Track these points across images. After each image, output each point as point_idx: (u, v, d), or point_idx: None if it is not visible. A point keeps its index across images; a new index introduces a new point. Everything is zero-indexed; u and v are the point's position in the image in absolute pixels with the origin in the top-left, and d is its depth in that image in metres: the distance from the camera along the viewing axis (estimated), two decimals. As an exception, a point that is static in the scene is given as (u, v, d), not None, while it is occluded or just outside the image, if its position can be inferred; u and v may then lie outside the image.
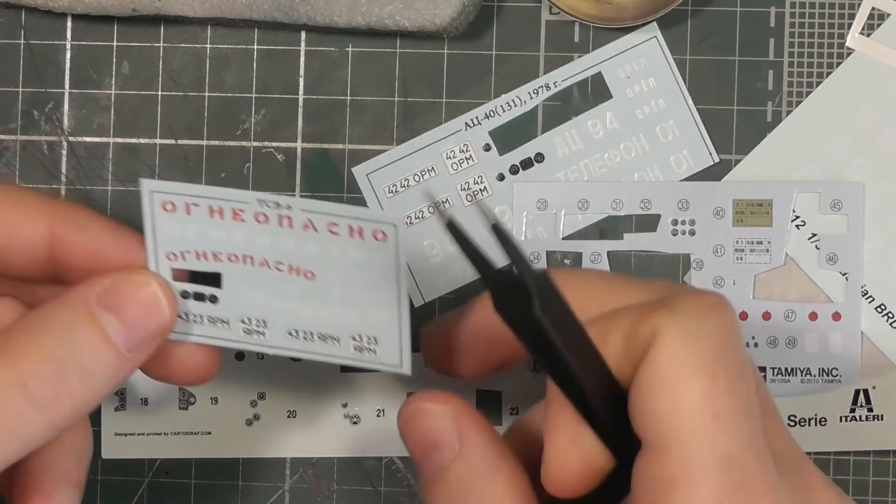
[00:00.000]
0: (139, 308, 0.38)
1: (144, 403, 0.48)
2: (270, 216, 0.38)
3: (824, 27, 0.48)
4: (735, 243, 0.48)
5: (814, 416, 0.47)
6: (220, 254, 0.39)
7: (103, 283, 0.38)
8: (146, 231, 0.39)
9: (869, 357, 0.48)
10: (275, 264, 0.39)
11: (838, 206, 0.48)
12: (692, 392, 0.33)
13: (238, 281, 0.40)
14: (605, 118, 0.49)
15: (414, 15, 0.47)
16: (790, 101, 0.48)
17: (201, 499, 0.49)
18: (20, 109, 0.49)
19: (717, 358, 0.34)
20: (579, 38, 0.49)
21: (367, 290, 0.39)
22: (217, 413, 0.48)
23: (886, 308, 0.48)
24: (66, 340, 0.36)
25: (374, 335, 0.40)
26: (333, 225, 0.38)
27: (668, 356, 0.33)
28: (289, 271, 0.39)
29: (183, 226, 0.39)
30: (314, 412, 0.48)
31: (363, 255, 0.38)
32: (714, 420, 0.33)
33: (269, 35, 0.49)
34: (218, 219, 0.39)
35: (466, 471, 0.38)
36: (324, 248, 0.39)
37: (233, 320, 0.40)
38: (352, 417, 0.48)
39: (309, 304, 0.40)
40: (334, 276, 0.39)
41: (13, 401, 0.35)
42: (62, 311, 0.37)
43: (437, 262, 0.49)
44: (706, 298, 0.35)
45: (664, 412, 0.33)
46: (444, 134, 0.49)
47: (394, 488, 0.49)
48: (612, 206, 0.48)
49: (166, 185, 0.39)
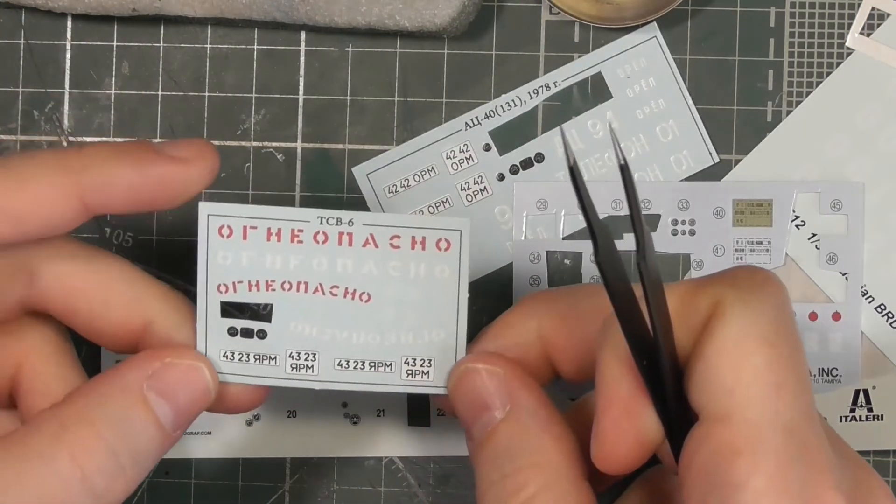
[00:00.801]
0: (189, 394, 0.39)
1: None
2: (330, 234, 0.38)
3: (824, 27, 0.48)
4: (735, 243, 0.48)
5: None
6: (274, 283, 0.39)
7: (153, 366, 0.38)
8: (200, 261, 0.39)
9: (869, 357, 0.48)
10: (329, 289, 0.39)
11: (838, 206, 0.48)
12: (756, 363, 0.33)
13: (289, 312, 0.39)
14: (605, 118, 0.49)
15: (414, 15, 0.47)
16: (790, 101, 0.48)
17: (201, 499, 0.49)
18: (20, 109, 0.49)
19: (778, 330, 0.34)
20: (579, 38, 0.49)
21: (425, 309, 0.39)
22: (217, 413, 0.48)
23: (886, 308, 0.48)
24: (123, 431, 0.37)
25: (428, 357, 0.39)
26: (395, 238, 0.38)
27: (733, 327, 0.34)
28: (343, 295, 0.39)
29: (237, 253, 0.38)
30: (314, 412, 0.48)
31: (424, 269, 0.38)
32: (777, 390, 0.33)
33: (269, 35, 0.49)
34: (276, 242, 0.38)
35: (516, 431, 0.38)
36: (382, 265, 0.38)
37: (281, 356, 0.39)
38: (352, 417, 0.48)
39: (362, 329, 0.39)
40: (391, 296, 0.38)
41: (76, 495, 0.36)
42: (117, 397, 0.37)
43: (437, 262, 0.49)
44: (760, 273, 0.36)
45: (728, 382, 0.33)
46: (444, 134, 0.49)
47: (394, 488, 0.49)
48: (612, 206, 0.48)
49: (225, 208, 0.38)
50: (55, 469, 0.36)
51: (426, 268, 0.38)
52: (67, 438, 0.36)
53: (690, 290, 0.35)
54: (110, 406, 0.37)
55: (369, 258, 0.38)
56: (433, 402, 0.46)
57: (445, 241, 0.38)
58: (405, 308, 0.39)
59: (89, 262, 0.40)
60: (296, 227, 0.38)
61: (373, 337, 0.39)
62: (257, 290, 0.39)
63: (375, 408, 0.48)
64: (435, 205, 0.49)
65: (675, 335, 0.35)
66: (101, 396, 0.37)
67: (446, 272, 0.38)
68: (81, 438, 0.36)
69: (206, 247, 0.39)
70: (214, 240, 0.38)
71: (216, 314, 0.39)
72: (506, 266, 0.49)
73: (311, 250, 0.38)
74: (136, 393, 0.38)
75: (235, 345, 0.39)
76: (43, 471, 0.36)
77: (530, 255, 0.48)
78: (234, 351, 0.39)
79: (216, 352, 0.39)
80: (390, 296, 0.39)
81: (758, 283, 0.35)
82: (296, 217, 0.38)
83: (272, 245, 0.38)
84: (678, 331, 0.35)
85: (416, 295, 0.39)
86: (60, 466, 0.36)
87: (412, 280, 0.38)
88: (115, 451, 0.37)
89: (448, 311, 0.39)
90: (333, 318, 0.39)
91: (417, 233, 0.38)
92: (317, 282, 0.39)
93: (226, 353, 0.39)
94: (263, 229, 0.38)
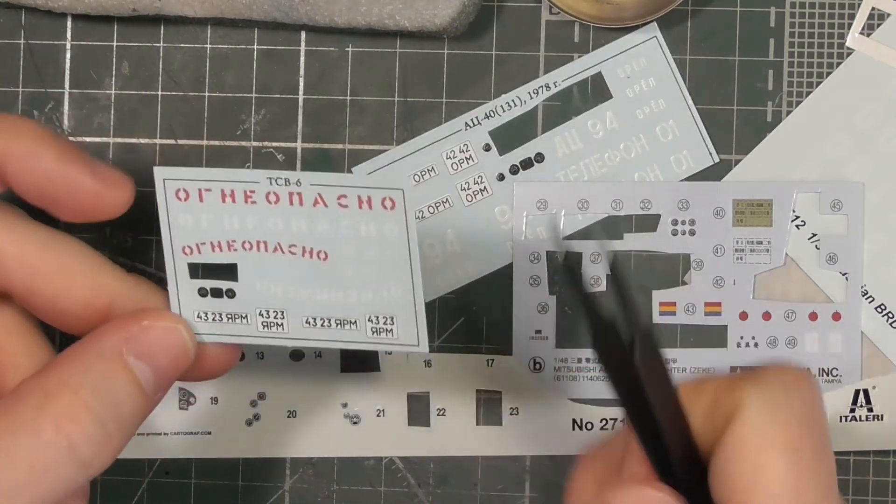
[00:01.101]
0: (169, 356, 0.39)
1: None
2: (281, 195, 0.38)
3: (824, 27, 0.48)
4: (735, 243, 0.48)
5: None
6: (234, 242, 0.39)
7: (131, 330, 0.38)
8: (163, 225, 0.39)
9: (869, 357, 0.48)
10: (288, 248, 0.39)
11: (838, 206, 0.48)
12: (775, 466, 0.33)
13: (254, 271, 0.40)
14: (605, 118, 0.49)
15: (414, 15, 0.47)
16: (790, 101, 0.48)
17: (201, 499, 0.49)
18: (20, 109, 0.49)
19: (801, 433, 0.34)
20: (579, 38, 0.49)
21: (381, 265, 0.39)
22: (217, 413, 0.48)
23: (886, 308, 0.48)
24: (107, 397, 0.37)
25: (390, 314, 0.40)
26: (342, 197, 0.38)
27: (751, 428, 0.34)
28: (302, 254, 0.39)
29: (196, 215, 0.39)
30: (314, 412, 0.48)
31: (374, 226, 0.39)
32: (794, 495, 0.33)
33: (269, 35, 0.49)
34: (230, 203, 0.39)
35: None
36: (334, 224, 0.39)
37: (251, 314, 0.40)
38: (352, 417, 0.48)
39: (324, 287, 0.40)
40: (347, 254, 0.39)
41: (64, 465, 0.36)
42: (98, 363, 0.37)
43: (437, 263, 0.49)
44: (791, 372, 0.35)
45: (745, 484, 0.33)
46: (444, 134, 0.49)
47: (394, 488, 0.49)
48: (612, 206, 0.48)
49: (179, 172, 0.39)
50: (42, 440, 0.36)
51: (376, 227, 0.39)
52: (52, 408, 0.36)
53: (721, 388, 0.35)
54: (92, 373, 0.37)
55: (321, 217, 0.39)
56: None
57: (390, 199, 0.38)
58: (362, 266, 0.39)
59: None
60: (248, 189, 0.39)
61: (335, 295, 0.40)
62: (220, 251, 0.39)
63: (375, 408, 0.48)
64: (435, 205, 0.49)
65: (704, 431, 0.35)
66: (83, 364, 0.37)
67: (395, 231, 0.39)
68: (66, 407, 0.36)
69: (167, 210, 0.39)
70: (173, 203, 0.39)
71: (185, 275, 0.40)
72: (506, 266, 0.49)
73: (266, 211, 0.39)
74: (116, 358, 0.37)
75: (207, 305, 0.40)
76: (30, 442, 0.36)
77: (530, 255, 0.48)
78: (207, 311, 0.40)
79: (190, 312, 0.40)
80: (346, 254, 0.39)
81: (786, 382, 0.35)
82: (246, 178, 0.39)
83: (228, 206, 0.39)
84: (706, 428, 0.35)
85: (371, 253, 0.39)
86: (47, 437, 0.36)
87: (364, 238, 0.39)
88: (100, 418, 0.37)
89: (402, 269, 0.39)
90: (296, 277, 0.40)
91: (362, 192, 0.38)
92: (275, 241, 0.39)
93: (199, 314, 0.40)
94: (217, 191, 0.39)
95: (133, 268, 0.49)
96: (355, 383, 0.47)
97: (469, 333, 0.49)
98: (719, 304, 0.48)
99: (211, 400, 0.48)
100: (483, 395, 0.48)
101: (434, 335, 0.49)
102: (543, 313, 0.48)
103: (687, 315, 0.48)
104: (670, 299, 0.48)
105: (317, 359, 0.42)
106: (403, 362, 0.48)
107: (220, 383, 0.48)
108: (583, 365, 0.48)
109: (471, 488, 0.49)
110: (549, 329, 0.48)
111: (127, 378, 0.37)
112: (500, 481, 0.49)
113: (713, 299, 0.48)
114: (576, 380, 0.48)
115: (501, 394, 0.48)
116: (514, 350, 0.48)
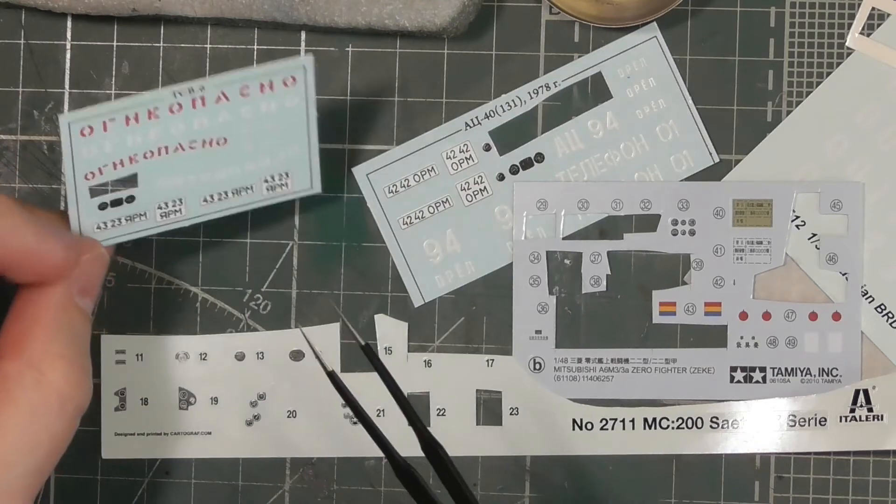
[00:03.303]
0: (100, 279, 0.43)
1: (144, 403, 0.48)
2: (184, 103, 0.42)
3: (824, 27, 0.48)
4: (735, 243, 0.48)
5: (814, 416, 0.47)
6: (136, 156, 0.42)
7: (80, 281, 0.42)
8: (65, 161, 0.42)
9: (869, 357, 0.48)
10: (189, 145, 0.42)
11: (838, 206, 0.48)
12: None
13: (153, 174, 0.43)
14: (605, 118, 0.49)
15: (414, 15, 0.47)
16: (790, 101, 0.48)
17: (201, 499, 0.49)
18: (20, 109, 0.49)
19: None
20: (579, 38, 0.49)
21: (279, 134, 0.43)
22: (217, 413, 0.48)
23: (886, 308, 0.48)
24: (78, 339, 0.41)
25: (285, 171, 0.43)
26: (245, 88, 0.42)
27: None
28: (202, 146, 0.43)
29: (100, 144, 0.42)
30: (314, 412, 0.48)
31: (274, 104, 0.42)
32: None
33: (269, 35, 0.49)
34: (134, 124, 0.42)
35: None
36: (235, 112, 0.42)
37: (150, 210, 0.43)
38: (351, 417, 0.48)
39: (223, 167, 0.43)
40: (246, 133, 0.42)
41: (50, 409, 0.40)
42: (63, 316, 0.41)
43: (436, 262, 0.49)
44: None
45: None
46: (444, 134, 0.49)
47: (394, 488, 0.49)
48: (612, 206, 0.48)
49: (83, 112, 0.42)
50: (46, 413, 0.40)
51: (276, 103, 0.42)
52: (33, 351, 0.40)
53: None
54: (62, 329, 0.41)
55: (222, 110, 0.42)
56: None
57: (291, 78, 0.42)
58: (260, 139, 0.43)
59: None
60: (151, 108, 0.42)
61: (233, 170, 0.43)
62: (122, 167, 0.43)
63: (375, 408, 0.48)
64: (435, 205, 0.49)
65: None
66: (52, 323, 0.41)
67: (295, 101, 0.42)
68: (61, 373, 0.40)
69: (70, 150, 0.42)
70: (77, 141, 0.42)
71: (86, 197, 0.43)
72: (506, 266, 0.49)
73: (168, 121, 0.42)
74: (71, 305, 0.41)
75: (106, 215, 0.43)
76: (36, 419, 0.39)
77: (530, 255, 0.48)
78: (106, 220, 0.43)
79: (90, 226, 0.44)
80: (246, 133, 0.43)
81: None
82: (150, 99, 0.42)
83: (131, 128, 0.42)
84: None
85: (270, 125, 0.43)
86: (51, 409, 0.40)
87: (264, 116, 0.42)
88: (82, 366, 0.41)
89: (300, 130, 0.43)
90: (195, 166, 0.43)
91: (265, 78, 0.42)
92: (175, 143, 0.43)
93: (98, 225, 0.44)
94: (122, 118, 0.42)
95: (133, 268, 0.49)
96: (355, 383, 0.47)
97: (469, 333, 0.49)
98: (719, 304, 0.48)
99: (211, 400, 0.48)
100: (483, 394, 0.48)
101: (434, 335, 0.49)
102: (543, 313, 0.48)
103: (687, 315, 0.48)
104: (670, 299, 0.48)
105: (317, 360, 0.43)
106: (403, 363, 0.48)
107: (221, 384, 0.48)
108: (583, 365, 0.48)
109: (471, 488, 0.49)
110: (549, 329, 0.48)
111: (81, 316, 0.42)
112: (500, 481, 0.49)
113: (713, 299, 0.48)
114: (576, 380, 0.48)
115: (501, 394, 0.48)
116: (514, 350, 0.48)
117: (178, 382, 0.48)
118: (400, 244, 0.49)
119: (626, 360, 0.48)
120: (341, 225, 0.49)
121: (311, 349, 0.43)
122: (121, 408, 0.48)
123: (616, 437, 0.48)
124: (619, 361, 0.48)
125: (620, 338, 0.48)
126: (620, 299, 0.48)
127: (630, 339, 0.48)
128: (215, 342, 0.48)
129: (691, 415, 0.48)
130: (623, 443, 0.48)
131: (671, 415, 0.48)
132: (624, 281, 0.48)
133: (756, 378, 0.48)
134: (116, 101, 0.42)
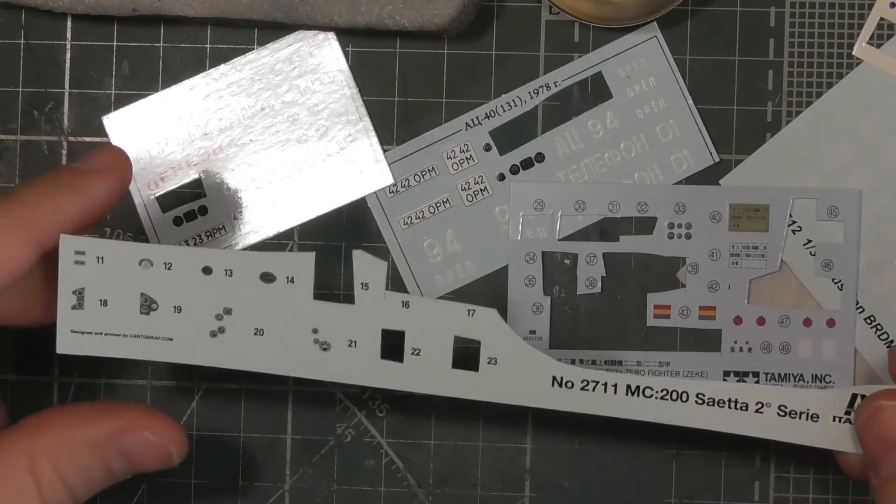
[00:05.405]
0: (151, 465, 0.43)
1: (104, 304, 0.46)
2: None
3: (824, 27, 0.48)
4: (731, 248, 0.48)
5: (805, 410, 0.45)
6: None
7: (128, 434, 0.42)
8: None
9: (859, 369, 0.48)
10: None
11: (835, 213, 0.48)
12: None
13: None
14: (605, 118, 0.49)
15: (414, 15, 0.47)
16: (790, 101, 0.48)
17: (201, 499, 0.49)
18: (20, 109, 0.49)
19: None
20: (579, 38, 0.49)
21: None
22: (180, 321, 0.44)
23: (876, 320, 0.48)
24: (84, 479, 0.41)
25: None
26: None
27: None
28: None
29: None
30: (283, 333, 0.45)
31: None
32: None
33: (269, 35, 0.49)
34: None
35: None
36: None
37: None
38: (321, 343, 0.45)
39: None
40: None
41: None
42: (87, 454, 0.41)
43: (437, 262, 0.49)
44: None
45: None
46: (444, 134, 0.49)
47: (394, 488, 0.49)
48: (609, 207, 0.48)
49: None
50: None
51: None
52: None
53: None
54: (77, 462, 0.41)
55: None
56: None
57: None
58: None
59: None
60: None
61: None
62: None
63: (347, 338, 0.45)
64: (435, 205, 0.49)
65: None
66: (72, 449, 0.41)
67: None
68: (54, 494, 0.40)
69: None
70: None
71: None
72: (506, 266, 0.49)
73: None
74: (103, 452, 0.41)
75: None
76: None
77: (526, 256, 0.48)
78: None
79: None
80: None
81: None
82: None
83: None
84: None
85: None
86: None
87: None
88: (75, 492, 0.41)
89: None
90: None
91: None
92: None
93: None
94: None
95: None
96: (327, 312, 0.45)
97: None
98: (714, 309, 0.48)
99: (174, 308, 0.45)
100: (461, 341, 0.44)
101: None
102: (538, 313, 0.48)
103: (681, 318, 0.48)
104: (665, 302, 0.48)
105: (289, 283, 0.42)
106: (380, 300, 0.45)
107: (185, 294, 0.45)
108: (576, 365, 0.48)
109: (471, 488, 0.49)
110: (544, 329, 0.48)
111: (105, 469, 0.41)
112: (500, 481, 0.49)
113: (708, 303, 0.48)
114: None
115: (480, 343, 0.46)
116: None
117: (140, 288, 0.45)
118: (400, 244, 0.49)
119: (620, 362, 0.48)
120: (342, 225, 0.49)
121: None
122: (78, 306, 0.45)
123: (595, 398, 0.44)
124: (612, 363, 0.48)
125: (617, 340, 0.48)
126: (619, 300, 0.48)
127: (627, 341, 0.48)
128: (181, 253, 0.46)
129: (676, 388, 0.45)
130: (601, 404, 0.45)
131: (655, 385, 0.45)
132: (621, 283, 0.48)
133: (749, 383, 0.48)
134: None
